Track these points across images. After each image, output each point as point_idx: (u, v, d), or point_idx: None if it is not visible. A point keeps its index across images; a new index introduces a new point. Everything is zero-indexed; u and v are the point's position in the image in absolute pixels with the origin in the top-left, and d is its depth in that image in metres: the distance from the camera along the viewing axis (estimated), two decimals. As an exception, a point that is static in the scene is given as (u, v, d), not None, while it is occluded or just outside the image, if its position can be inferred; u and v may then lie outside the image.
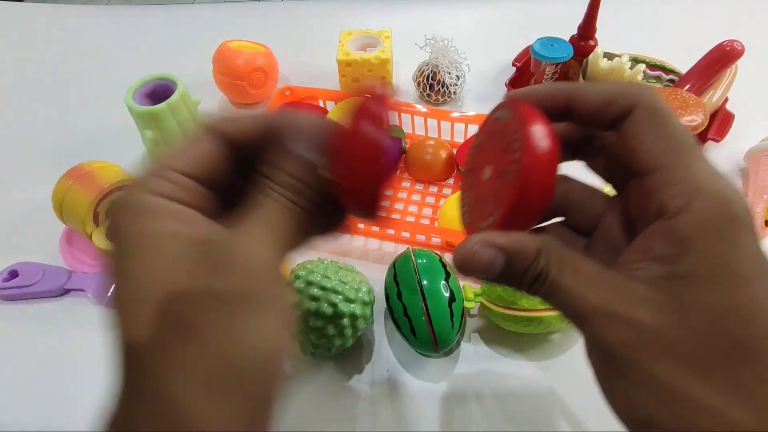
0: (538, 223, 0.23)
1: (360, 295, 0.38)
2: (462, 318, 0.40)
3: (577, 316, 0.18)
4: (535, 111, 0.19)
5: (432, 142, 0.54)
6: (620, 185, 0.21)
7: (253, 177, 0.21)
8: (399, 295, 0.40)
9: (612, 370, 0.17)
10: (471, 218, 0.23)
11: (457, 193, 0.47)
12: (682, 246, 0.16)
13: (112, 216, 0.18)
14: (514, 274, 0.19)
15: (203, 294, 0.17)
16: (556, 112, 0.20)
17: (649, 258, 0.17)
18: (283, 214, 0.19)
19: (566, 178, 0.23)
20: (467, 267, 0.19)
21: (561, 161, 0.20)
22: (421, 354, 0.42)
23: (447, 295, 0.39)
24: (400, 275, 0.40)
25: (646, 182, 0.18)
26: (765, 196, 0.49)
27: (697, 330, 0.16)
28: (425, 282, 0.39)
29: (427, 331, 0.38)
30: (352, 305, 0.37)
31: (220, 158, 0.21)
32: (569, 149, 0.22)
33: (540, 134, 0.19)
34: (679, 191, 0.17)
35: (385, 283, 0.42)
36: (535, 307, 0.38)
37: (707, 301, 0.16)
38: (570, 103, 0.20)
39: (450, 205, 0.47)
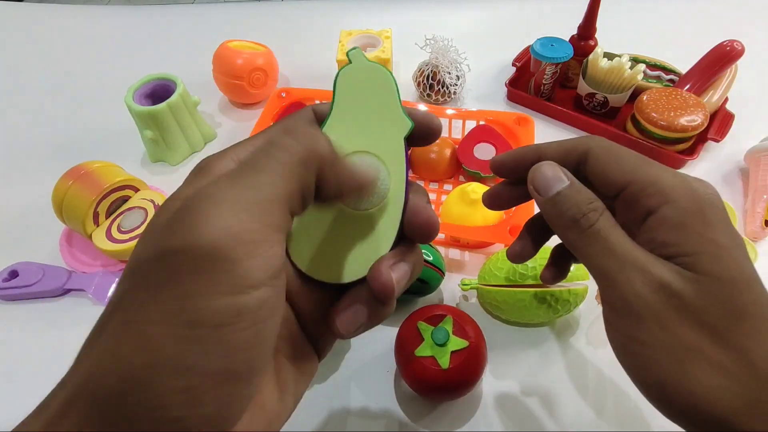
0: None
1: None
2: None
3: (616, 263, 0.20)
4: None
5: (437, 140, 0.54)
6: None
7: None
8: None
9: (633, 324, 0.19)
10: None
11: (459, 188, 0.47)
12: (679, 229, 0.19)
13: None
14: (579, 201, 0.21)
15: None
16: (527, 167, 0.24)
17: (657, 244, 0.20)
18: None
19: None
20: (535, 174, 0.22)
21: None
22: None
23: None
24: None
25: (623, 197, 0.21)
26: (765, 196, 0.49)
27: (710, 296, 0.19)
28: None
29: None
30: None
31: None
32: None
33: None
34: (658, 190, 0.20)
35: None
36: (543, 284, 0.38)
37: (713, 271, 0.19)
38: (538, 159, 0.24)
39: (452, 200, 0.47)
